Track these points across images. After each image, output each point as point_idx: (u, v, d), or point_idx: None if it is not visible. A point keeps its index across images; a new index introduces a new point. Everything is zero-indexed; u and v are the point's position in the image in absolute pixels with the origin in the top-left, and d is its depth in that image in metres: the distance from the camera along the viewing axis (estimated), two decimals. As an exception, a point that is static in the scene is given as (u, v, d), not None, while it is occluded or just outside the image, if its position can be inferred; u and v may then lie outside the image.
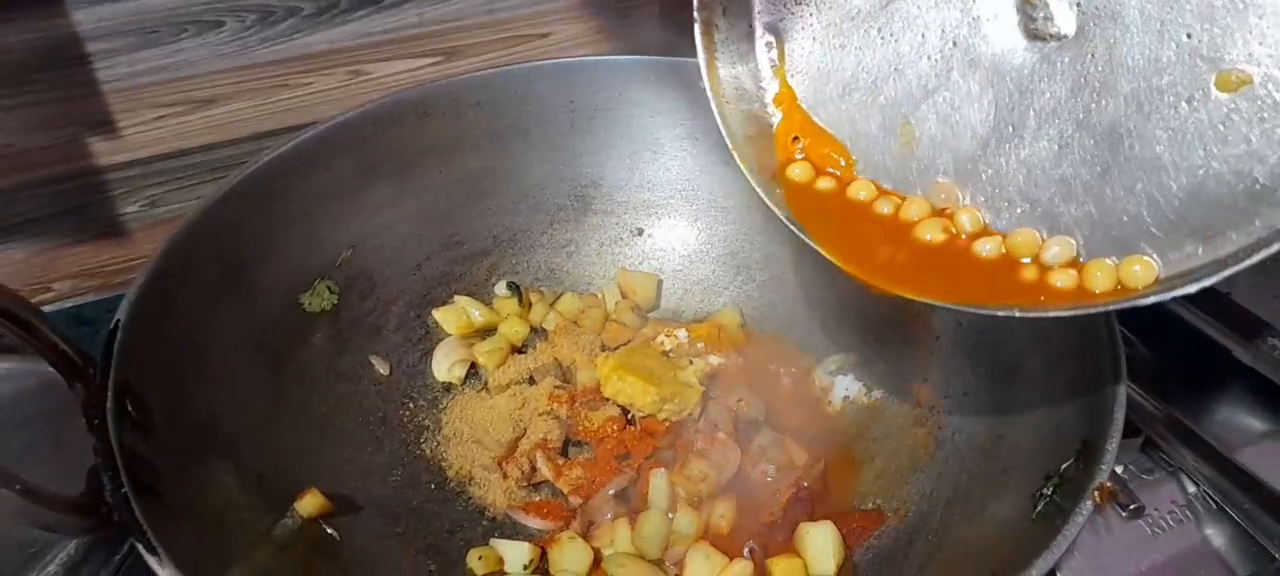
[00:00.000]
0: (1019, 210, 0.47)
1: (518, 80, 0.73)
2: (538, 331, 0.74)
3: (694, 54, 0.55)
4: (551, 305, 0.75)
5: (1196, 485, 0.66)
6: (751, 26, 0.56)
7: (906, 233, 0.51)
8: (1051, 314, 0.44)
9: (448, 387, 0.70)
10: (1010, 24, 0.47)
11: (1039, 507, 0.47)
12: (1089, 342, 0.51)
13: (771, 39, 0.56)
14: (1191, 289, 0.39)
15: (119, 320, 0.50)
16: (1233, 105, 0.39)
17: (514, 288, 0.75)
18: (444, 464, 0.64)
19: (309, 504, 0.55)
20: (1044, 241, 0.46)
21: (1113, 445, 0.45)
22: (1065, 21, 0.45)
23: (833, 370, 0.70)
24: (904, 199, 0.52)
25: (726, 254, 0.77)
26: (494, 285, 0.75)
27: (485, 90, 0.72)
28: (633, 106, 0.75)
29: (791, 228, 0.52)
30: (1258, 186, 0.39)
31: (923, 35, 0.51)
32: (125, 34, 0.72)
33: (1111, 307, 0.42)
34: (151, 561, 0.39)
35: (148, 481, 0.44)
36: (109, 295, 0.84)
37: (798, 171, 0.55)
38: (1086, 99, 0.44)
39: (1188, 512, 0.66)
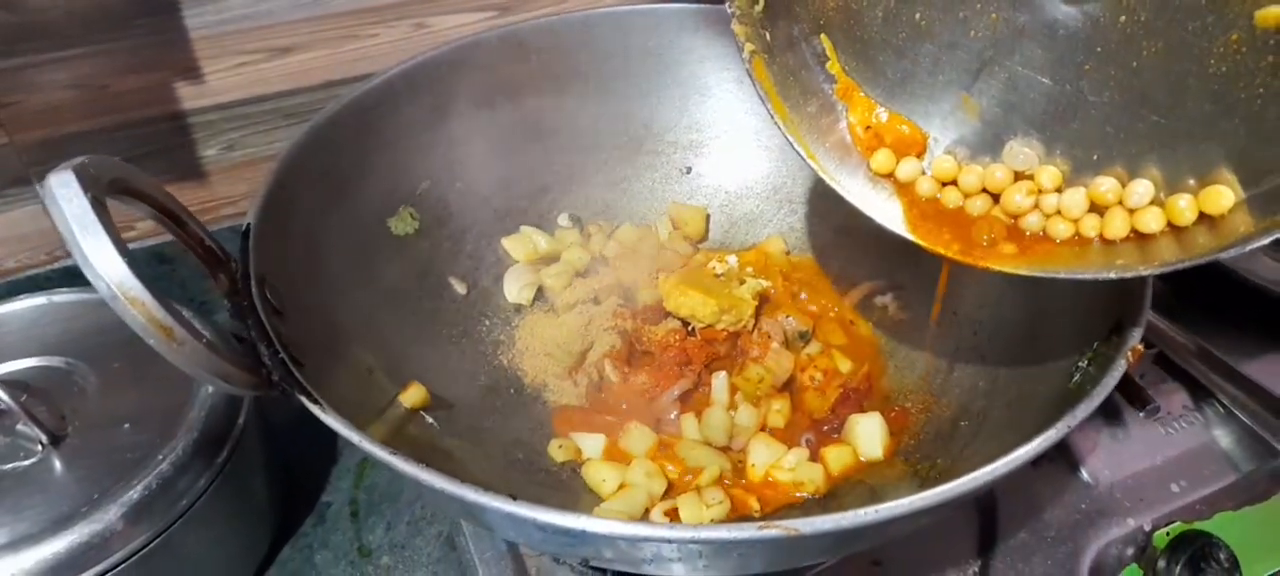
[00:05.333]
0: (1095, 157, 0.50)
1: (577, 27, 0.79)
2: (598, 259, 0.79)
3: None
4: (609, 236, 0.81)
5: (1207, 392, 0.73)
6: (792, 35, 0.57)
7: (995, 202, 0.53)
8: (1159, 270, 0.46)
9: (518, 308, 0.75)
10: None
11: (1075, 378, 0.52)
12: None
13: (816, 39, 0.57)
14: None
15: (250, 221, 0.56)
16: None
17: (575, 220, 0.81)
18: (520, 372, 0.70)
19: (412, 395, 0.60)
20: (1125, 187, 0.49)
21: (1144, 318, 0.50)
22: None
23: (873, 291, 0.76)
24: (986, 167, 0.53)
25: (770, 189, 0.83)
26: (556, 217, 0.81)
27: (548, 36, 0.78)
28: (682, 52, 0.81)
29: (892, 229, 0.54)
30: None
31: (963, 16, 0.52)
32: (214, -17, 0.78)
33: (1216, 255, 0.44)
34: (314, 409, 0.45)
35: (292, 354, 0.49)
36: (189, 235, 0.90)
37: (881, 159, 0.56)
38: (1136, 49, 0.47)
39: (1197, 414, 0.72)
